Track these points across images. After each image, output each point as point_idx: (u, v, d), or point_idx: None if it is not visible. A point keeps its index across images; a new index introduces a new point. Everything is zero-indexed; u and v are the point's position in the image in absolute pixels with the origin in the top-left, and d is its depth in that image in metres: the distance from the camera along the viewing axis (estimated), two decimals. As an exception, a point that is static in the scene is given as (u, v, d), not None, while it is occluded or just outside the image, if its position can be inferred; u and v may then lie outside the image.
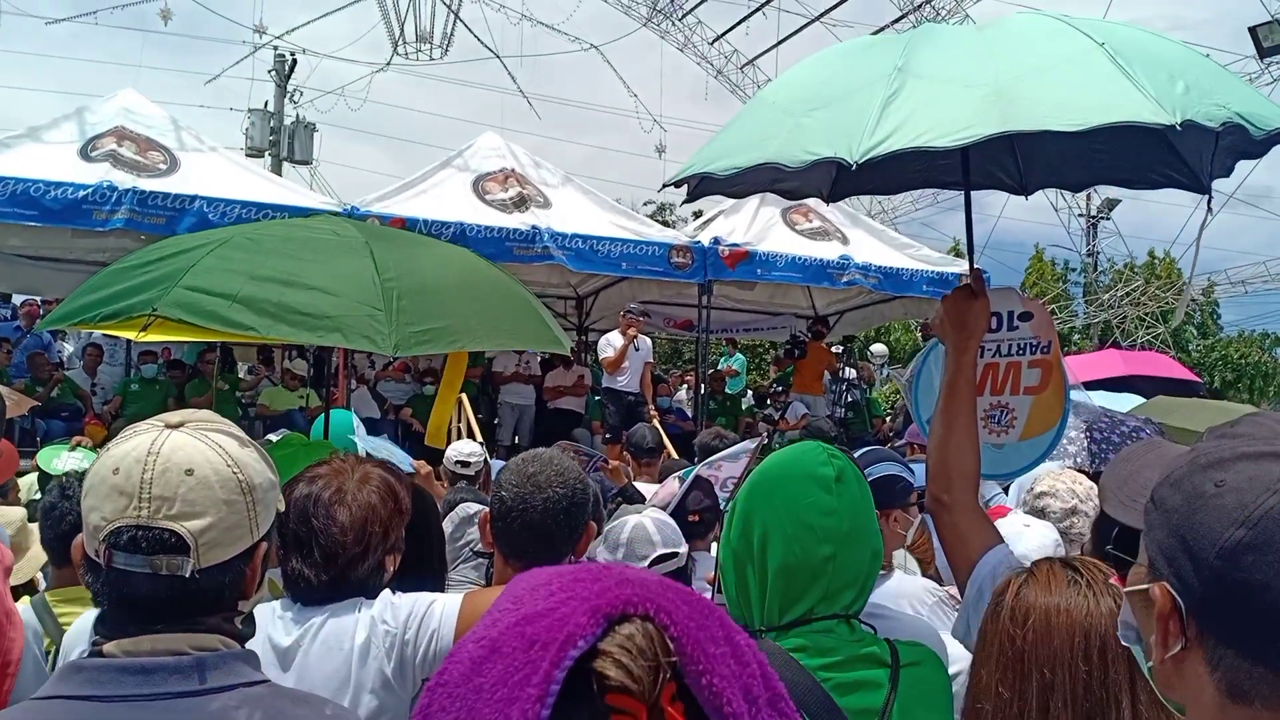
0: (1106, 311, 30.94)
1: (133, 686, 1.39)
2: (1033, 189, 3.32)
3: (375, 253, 3.26)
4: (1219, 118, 2.27)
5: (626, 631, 0.71)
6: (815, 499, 1.75)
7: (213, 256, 3.18)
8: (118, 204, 9.39)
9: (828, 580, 1.73)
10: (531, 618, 0.72)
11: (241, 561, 1.50)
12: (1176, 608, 1.00)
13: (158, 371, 11.99)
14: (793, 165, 2.45)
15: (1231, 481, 0.97)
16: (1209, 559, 0.95)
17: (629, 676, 0.68)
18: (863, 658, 1.73)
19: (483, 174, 11.58)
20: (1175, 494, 1.02)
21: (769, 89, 3.03)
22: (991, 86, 2.31)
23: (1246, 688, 0.95)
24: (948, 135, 2.24)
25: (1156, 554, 1.03)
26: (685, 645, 0.71)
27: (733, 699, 0.71)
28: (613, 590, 0.73)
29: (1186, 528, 0.99)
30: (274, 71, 23.34)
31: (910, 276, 12.69)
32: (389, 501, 2.20)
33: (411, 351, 3.18)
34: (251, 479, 1.50)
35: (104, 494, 1.44)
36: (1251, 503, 0.94)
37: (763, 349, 25.42)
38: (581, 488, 2.41)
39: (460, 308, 3.32)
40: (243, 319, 2.99)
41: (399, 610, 2.13)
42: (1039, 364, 2.89)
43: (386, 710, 2.08)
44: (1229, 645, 0.96)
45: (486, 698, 0.69)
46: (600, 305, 15.46)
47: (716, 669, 0.71)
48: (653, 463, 6.95)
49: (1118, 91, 2.24)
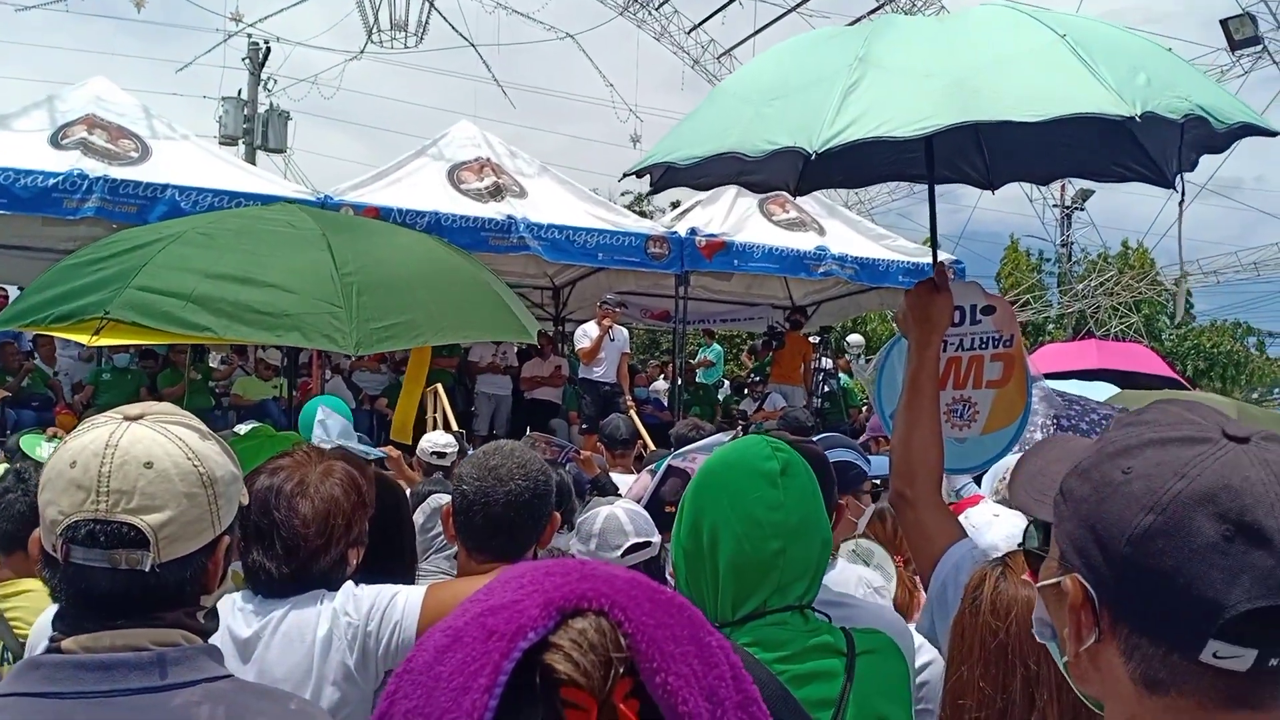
0: (1081, 301, 31.09)
1: (92, 683, 1.37)
2: (999, 183, 3.33)
3: (333, 245, 3.18)
4: (1181, 110, 2.28)
5: (579, 626, 0.71)
6: (761, 494, 1.75)
7: (165, 254, 3.11)
8: (88, 192, 9.31)
9: (779, 574, 1.73)
10: (494, 609, 0.72)
11: (203, 555, 1.48)
12: (1089, 598, 0.98)
13: (130, 361, 11.88)
14: (753, 155, 2.45)
15: (1139, 468, 0.96)
16: (1119, 547, 0.94)
17: (577, 670, 0.68)
18: (817, 648, 1.73)
19: (458, 163, 11.54)
20: (1084, 484, 1.01)
21: (730, 80, 3.04)
22: (952, 77, 2.31)
23: (1162, 677, 0.94)
24: (908, 125, 2.25)
25: (1067, 545, 1.02)
26: (639, 642, 0.71)
27: (689, 698, 0.70)
28: (571, 584, 0.73)
29: (1096, 517, 0.98)
30: (247, 59, 23.13)
31: (886, 267, 12.74)
32: (352, 494, 2.18)
33: (374, 349, 3.11)
34: (213, 472, 1.48)
35: (61, 488, 1.41)
36: (1160, 488, 0.93)
37: (740, 340, 25.45)
38: (544, 479, 2.39)
39: (423, 301, 3.25)
40: (198, 319, 2.92)
41: (361, 602, 2.12)
42: (1001, 358, 2.90)
43: (349, 702, 2.07)
44: (1142, 634, 0.95)
45: (444, 686, 0.70)
46: (577, 296, 15.43)
47: (673, 667, 0.71)
48: (627, 454, 6.95)
49: (1078, 83, 2.25)
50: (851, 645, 1.76)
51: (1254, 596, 0.88)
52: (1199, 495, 0.92)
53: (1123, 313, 30.62)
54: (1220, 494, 0.91)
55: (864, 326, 25.64)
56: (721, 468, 1.84)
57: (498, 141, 12.32)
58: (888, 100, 2.31)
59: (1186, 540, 0.91)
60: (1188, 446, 0.96)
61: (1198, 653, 0.91)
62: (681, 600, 0.77)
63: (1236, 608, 0.88)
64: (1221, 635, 0.89)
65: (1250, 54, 22.68)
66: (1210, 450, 0.95)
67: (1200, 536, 0.90)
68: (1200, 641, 0.90)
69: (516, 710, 0.69)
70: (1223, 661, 0.90)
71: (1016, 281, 33.31)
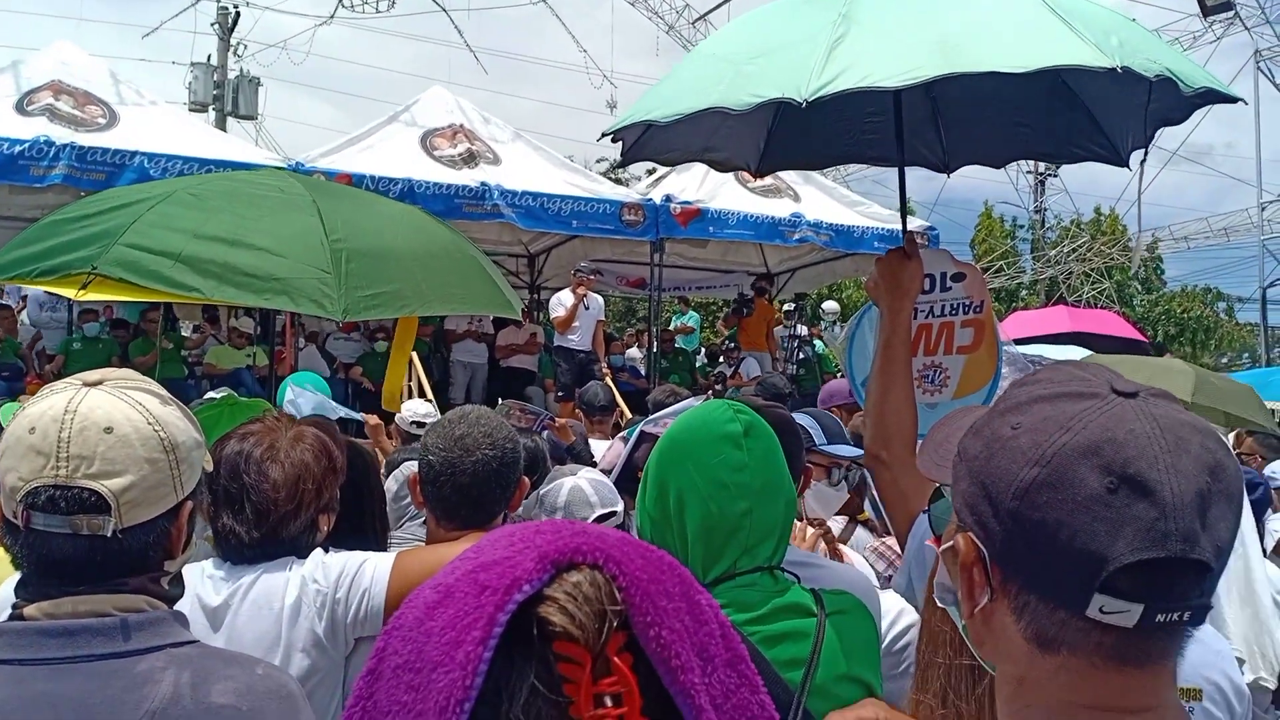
0: (1054, 267, 31.30)
1: (55, 649, 1.37)
2: (955, 166, 3.36)
3: (323, 211, 3.15)
4: (1152, 70, 2.32)
5: (574, 579, 0.70)
6: (726, 456, 1.76)
7: (154, 213, 3.07)
8: (55, 159, 9.17)
9: (746, 535, 1.75)
10: (486, 565, 0.72)
11: (165, 520, 1.48)
12: (980, 557, 0.98)
13: (100, 330, 11.77)
14: (737, 109, 2.45)
15: (1027, 423, 0.96)
16: (1006, 501, 0.94)
17: (572, 622, 0.68)
18: (787, 608, 1.75)
19: (431, 129, 11.43)
20: (975, 441, 1.01)
21: (708, 42, 3.04)
22: (935, 34, 2.33)
23: (1052, 634, 0.94)
24: (895, 76, 2.26)
25: (961, 505, 1.02)
26: (633, 595, 0.70)
27: (682, 652, 0.70)
28: (565, 540, 0.73)
29: (985, 473, 0.98)
30: (216, 24, 22.80)
31: (861, 234, 12.76)
32: (323, 459, 2.18)
33: (361, 316, 3.10)
34: (174, 437, 1.48)
35: (20, 454, 1.41)
36: (1045, 441, 0.93)
37: (715, 306, 25.48)
38: (511, 446, 2.38)
39: (410, 271, 3.23)
40: (187, 280, 2.90)
41: (330, 569, 2.12)
42: (971, 323, 2.92)
43: (318, 670, 2.07)
44: (1031, 590, 0.95)
45: (436, 640, 0.70)
46: (552, 263, 15.37)
47: (666, 622, 0.70)
48: (605, 420, 6.96)
49: (1060, 38, 2.28)
50: (821, 605, 1.78)
51: (1137, 549, 0.88)
52: (1083, 448, 0.92)
53: (1095, 278, 30.83)
54: (1104, 446, 0.91)
55: (839, 293, 25.69)
56: (684, 433, 1.84)
57: (471, 107, 12.21)
58: (874, 53, 2.32)
59: (1070, 492, 0.91)
60: (1075, 401, 0.96)
61: (1084, 608, 0.91)
62: (671, 559, 0.77)
63: (1120, 560, 0.88)
64: (1106, 589, 0.89)
65: (1222, 20, 22.75)
66: (1097, 405, 0.95)
67: (1084, 488, 0.90)
68: (1086, 595, 0.90)
69: (509, 664, 0.68)
70: (1109, 617, 0.90)
71: (990, 248, 33.46)
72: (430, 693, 0.68)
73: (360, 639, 2.14)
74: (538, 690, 0.68)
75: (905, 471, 2.31)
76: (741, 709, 0.73)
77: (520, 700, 0.68)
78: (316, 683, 2.07)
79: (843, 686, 1.75)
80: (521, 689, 0.68)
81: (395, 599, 2.10)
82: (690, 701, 0.70)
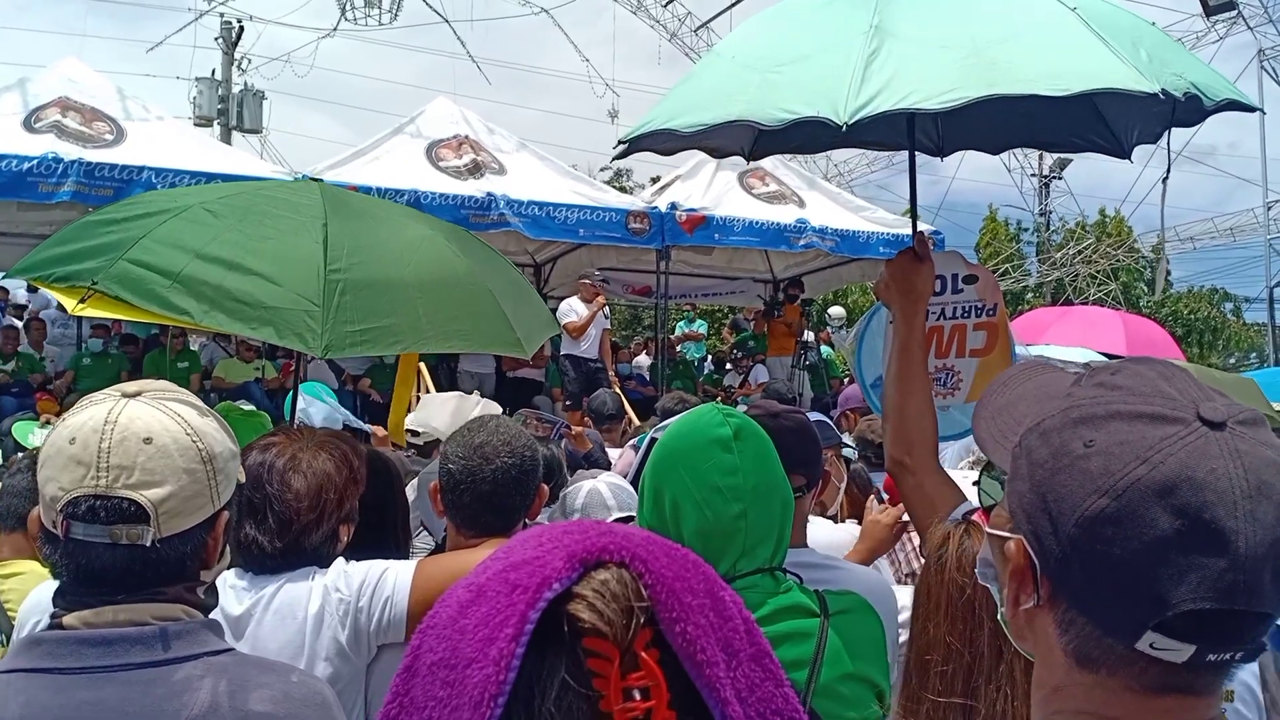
0: (1059, 270, 31.26)
1: (94, 658, 1.39)
2: (949, 151, 3.31)
3: (330, 235, 3.09)
4: (1180, 88, 2.29)
5: (601, 577, 0.72)
6: (717, 460, 1.77)
7: (165, 228, 3.06)
8: (64, 175, 9.19)
9: (743, 537, 1.75)
10: (516, 565, 0.74)
11: (203, 531, 1.50)
12: (1031, 565, 0.94)
13: (109, 346, 11.81)
14: (770, 124, 2.40)
15: (1101, 443, 0.90)
16: (1067, 525, 0.89)
17: (600, 619, 0.70)
18: (789, 609, 1.76)
19: (436, 140, 11.45)
20: (1043, 446, 0.95)
21: (726, 44, 2.97)
22: (969, 49, 2.29)
23: (1094, 656, 0.92)
24: (935, 98, 2.22)
25: (1017, 507, 0.97)
26: (659, 592, 0.72)
27: (707, 647, 0.72)
28: (592, 539, 0.75)
29: (1049, 487, 0.92)
30: (220, 39, 22.88)
31: (866, 239, 12.75)
32: (344, 470, 2.20)
33: (345, 354, 3.03)
34: (211, 448, 1.50)
35: (61, 464, 1.43)
36: (1118, 470, 0.87)
37: (721, 315, 25.47)
38: (530, 454, 2.40)
39: (412, 304, 3.14)
40: (180, 302, 2.88)
41: (352, 578, 2.14)
42: (984, 326, 2.92)
43: (342, 678, 2.09)
44: (1081, 613, 0.92)
45: (469, 638, 0.72)
46: (559, 272, 15.37)
47: (692, 618, 0.72)
48: (614, 428, 6.98)
49: (1098, 58, 2.25)
50: (824, 606, 1.79)
51: (1199, 598, 0.84)
52: (1159, 486, 0.86)
53: (1100, 280, 30.77)
54: (1181, 486, 0.85)
55: (845, 298, 25.69)
56: (675, 439, 1.85)
57: (475, 118, 12.23)
58: (911, 71, 2.27)
59: (1138, 531, 0.86)
60: (1156, 425, 0.89)
61: (1134, 641, 0.88)
62: (695, 556, 0.78)
63: (1181, 606, 0.84)
64: (1161, 629, 0.86)
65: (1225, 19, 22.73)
66: (1180, 433, 0.88)
67: (1153, 529, 0.85)
68: (1138, 632, 0.87)
69: (541, 660, 0.70)
70: (1159, 653, 0.87)
71: (995, 251, 33.42)
72: (465, 688, 0.70)
73: (383, 646, 2.16)
74: (568, 685, 0.70)
75: (929, 474, 2.31)
76: (766, 702, 0.75)
77: (552, 695, 0.70)
78: (340, 690, 2.08)
79: (848, 686, 1.76)
80: (553, 684, 0.70)
81: (417, 606, 2.12)
82: (716, 695, 0.71)
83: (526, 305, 3.69)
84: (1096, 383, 0.98)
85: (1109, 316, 11.84)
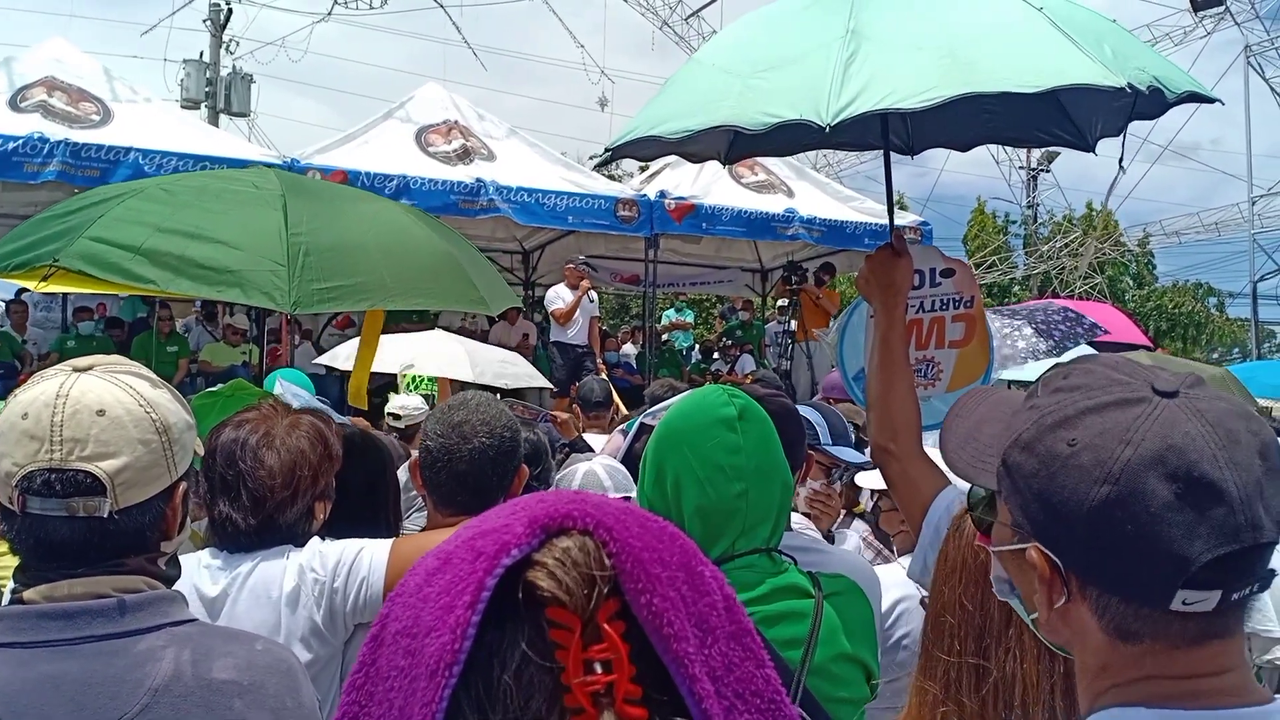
0: (1046, 263, 31.37)
1: (55, 632, 1.38)
2: (919, 149, 3.39)
3: (289, 207, 3.15)
4: (1144, 82, 2.36)
5: (563, 544, 0.70)
6: (721, 439, 1.78)
7: (123, 207, 3.09)
8: (50, 156, 9.14)
9: (743, 517, 1.77)
10: (484, 533, 0.73)
11: (160, 501, 1.49)
12: (1054, 566, 1.01)
13: (94, 329, 11.75)
14: (753, 128, 2.46)
15: (1083, 439, 0.98)
16: (1079, 519, 0.97)
17: (559, 587, 0.68)
18: (786, 589, 1.76)
19: (425, 126, 11.43)
20: (1029, 458, 1.03)
21: (705, 51, 3.03)
22: (944, 50, 2.35)
23: (1135, 628, 0.99)
24: (913, 97, 2.28)
25: (1021, 518, 1.04)
26: (624, 561, 0.70)
27: (675, 621, 0.69)
28: (557, 506, 0.73)
29: (1049, 491, 1.00)
30: (209, 21, 22.74)
31: (854, 229, 12.76)
32: (319, 446, 2.17)
33: (313, 308, 3.08)
34: (166, 419, 1.49)
35: (14, 440, 1.41)
36: (1108, 458, 0.96)
37: (709, 303, 25.48)
38: (509, 435, 2.38)
39: (374, 265, 3.21)
40: (144, 272, 2.91)
41: (327, 558, 2.12)
42: (962, 318, 2.97)
43: (319, 659, 2.07)
44: (1112, 593, 0.99)
45: (431, 605, 0.70)
46: (547, 259, 15.37)
47: (659, 590, 0.70)
48: (601, 415, 6.96)
49: (1067, 55, 2.32)
50: (819, 587, 1.80)
51: (1214, 546, 0.92)
52: (1147, 460, 0.95)
53: (1087, 273, 30.90)
54: (1167, 455, 0.94)
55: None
56: (680, 418, 1.87)
57: (465, 104, 12.20)
58: (889, 72, 2.34)
59: (1144, 504, 0.94)
60: (1123, 409, 0.98)
61: (1168, 603, 0.95)
62: (674, 530, 0.76)
63: (1200, 559, 0.92)
64: (1188, 585, 0.94)
65: (1213, 15, 22.80)
66: (1146, 411, 0.98)
67: (1156, 499, 0.93)
68: (1169, 594, 0.95)
69: (501, 631, 0.69)
70: (1191, 606, 0.95)
71: (983, 243, 33.54)
72: (423, 657, 0.69)
73: (359, 626, 2.14)
74: (529, 657, 0.68)
75: (913, 461, 2.35)
76: (745, 682, 0.72)
77: (512, 666, 0.68)
78: (317, 671, 2.07)
79: (841, 666, 1.77)
80: (513, 655, 0.68)
81: (393, 585, 2.10)
82: (684, 671, 0.69)
83: (486, 272, 3.78)
84: (1053, 390, 1.06)
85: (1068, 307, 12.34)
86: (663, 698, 0.69)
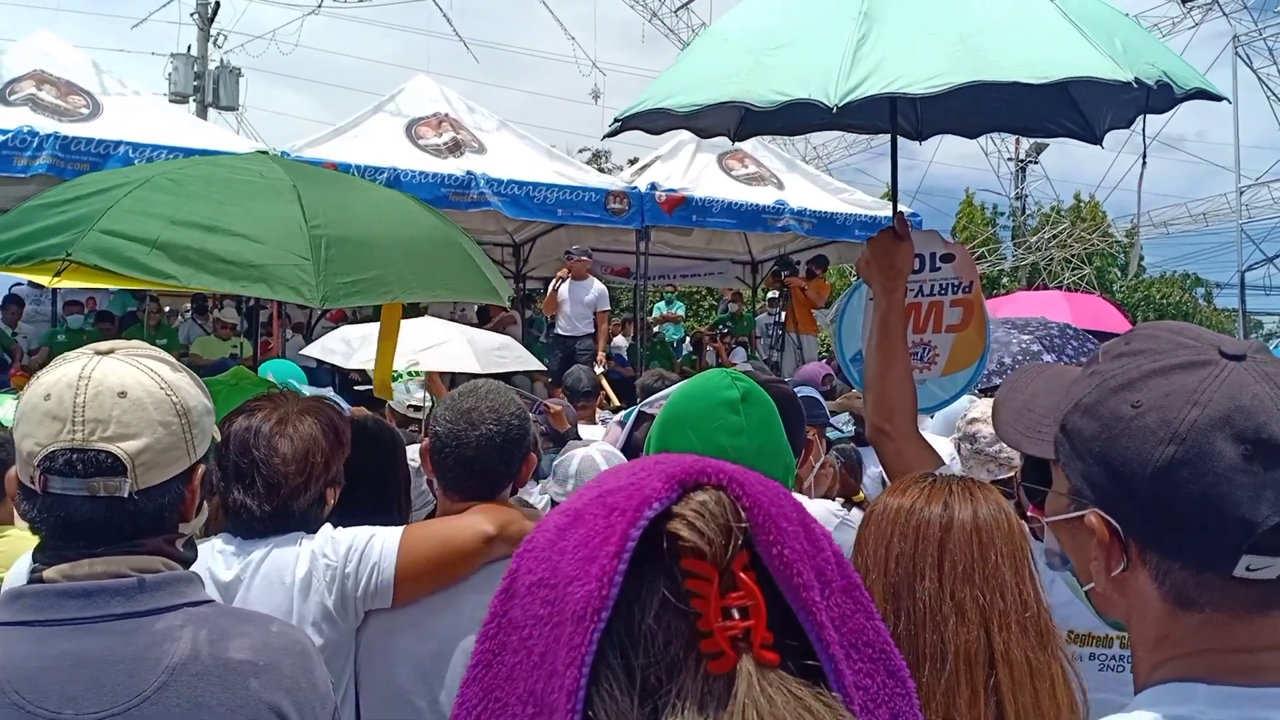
0: (1034, 254, 31.47)
1: (74, 610, 1.40)
2: (927, 134, 3.38)
3: (303, 197, 3.09)
4: (1152, 76, 2.37)
5: (700, 498, 0.72)
6: (724, 421, 1.81)
7: (131, 198, 3.01)
8: (39, 149, 9.09)
9: None
10: (613, 490, 0.75)
11: (180, 483, 1.51)
12: (1114, 531, 1.00)
13: (84, 323, 11.72)
14: (763, 105, 2.45)
15: (1148, 400, 0.97)
16: (1143, 481, 0.96)
17: (700, 538, 0.69)
18: None
19: (416, 118, 11.39)
20: (1091, 421, 1.02)
21: (721, 25, 3.01)
22: (956, 36, 2.36)
23: (1195, 595, 0.97)
24: (921, 82, 2.29)
25: (1081, 483, 1.03)
26: (757, 515, 0.72)
27: (803, 571, 0.72)
28: (689, 464, 0.75)
29: (1112, 453, 0.99)
30: (196, 15, 22.63)
31: (844, 221, 12.78)
32: (330, 433, 2.20)
33: (340, 304, 3.03)
34: (186, 401, 1.51)
35: (36, 420, 1.43)
36: (1175, 418, 0.95)
37: (700, 296, 25.49)
38: (518, 423, 2.38)
39: (393, 258, 3.16)
40: (163, 266, 2.83)
41: (339, 544, 2.14)
42: (960, 303, 2.99)
43: (330, 644, 2.08)
44: (1174, 558, 0.98)
45: (570, 557, 0.72)
46: (538, 252, 15.36)
47: (788, 542, 0.72)
48: (589, 405, 6.97)
49: (1076, 47, 2.33)
50: None
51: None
52: (1214, 420, 0.94)
53: (1075, 264, 31.01)
54: (1234, 415, 0.93)
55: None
56: (685, 400, 1.90)
57: (456, 97, 12.18)
58: (899, 56, 2.34)
59: (1210, 465, 0.93)
60: (1191, 371, 0.97)
61: (1231, 569, 0.94)
62: (786, 490, 0.79)
63: (1267, 523, 0.91)
64: (1253, 550, 0.93)
65: (1201, 6, 22.87)
66: (1214, 372, 0.97)
67: (1222, 460, 0.93)
68: (1234, 559, 0.93)
69: (639, 580, 0.70)
70: (1256, 573, 0.94)
71: (972, 235, 33.60)
72: (567, 604, 0.70)
73: (370, 612, 2.16)
74: (668, 601, 0.70)
75: (908, 441, 2.38)
76: (858, 633, 0.75)
77: (652, 611, 0.70)
78: (328, 656, 2.08)
79: None
80: (653, 601, 0.70)
81: (404, 572, 2.13)
82: (812, 619, 0.71)
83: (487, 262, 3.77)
84: (1115, 355, 1.05)
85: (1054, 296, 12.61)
86: (791, 643, 0.71)
